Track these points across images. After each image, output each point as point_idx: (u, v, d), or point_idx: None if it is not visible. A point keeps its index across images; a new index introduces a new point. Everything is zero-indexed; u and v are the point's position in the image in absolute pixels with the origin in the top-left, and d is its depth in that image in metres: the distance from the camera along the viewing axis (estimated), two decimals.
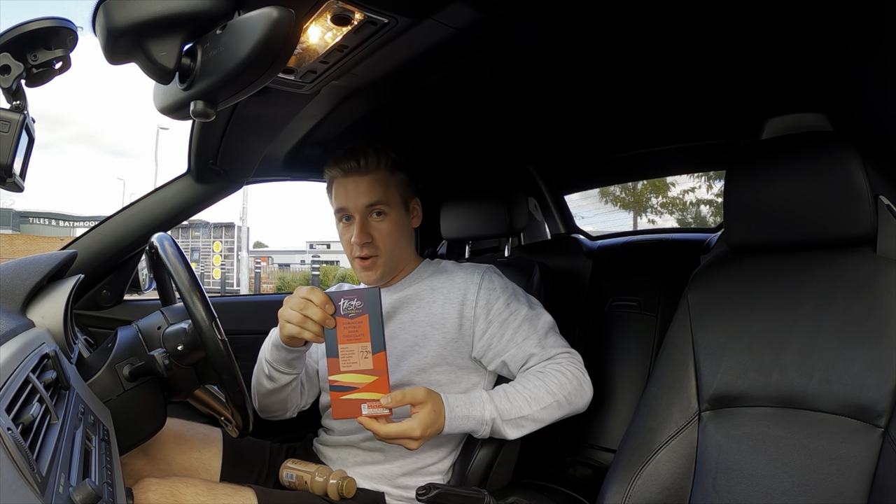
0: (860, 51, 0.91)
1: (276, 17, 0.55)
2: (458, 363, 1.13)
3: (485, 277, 1.15)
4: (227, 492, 0.97)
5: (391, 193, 1.15)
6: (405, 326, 1.15)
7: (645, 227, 12.73)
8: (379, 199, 1.13)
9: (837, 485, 0.80)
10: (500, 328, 1.11)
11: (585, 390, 1.09)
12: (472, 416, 1.00)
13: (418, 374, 1.11)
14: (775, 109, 1.07)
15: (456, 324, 1.12)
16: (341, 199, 1.15)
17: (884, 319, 0.83)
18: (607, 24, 0.94)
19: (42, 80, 0.67)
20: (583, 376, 1.09)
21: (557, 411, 1.06)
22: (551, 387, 1.05)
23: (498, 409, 1.01)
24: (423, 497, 0.84)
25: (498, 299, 1.13)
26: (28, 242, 24.29)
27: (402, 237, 1.18)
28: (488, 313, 1.12)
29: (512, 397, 1.04)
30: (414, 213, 1.22)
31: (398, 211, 1.16)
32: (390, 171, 1.16)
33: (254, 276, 16.97)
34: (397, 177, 1.17)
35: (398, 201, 1.17)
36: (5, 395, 0.52)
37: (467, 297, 1.13)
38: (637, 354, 1.68)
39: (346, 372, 0.94)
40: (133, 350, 0.94)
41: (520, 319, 1.12)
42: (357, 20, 0.79)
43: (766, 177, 0.93)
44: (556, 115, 1.47)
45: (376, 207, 1.14)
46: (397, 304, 1.17)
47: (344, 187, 1.15)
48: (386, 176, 1.15)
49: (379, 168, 1.14)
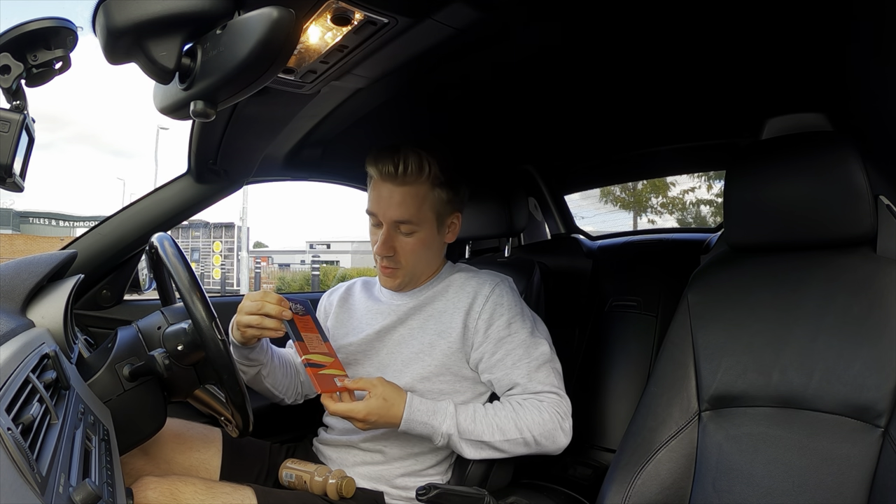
0: (860, 50, 0.91)
1: (276, 17, 0.55)
2: (463, 373, 1.13)
3: (495, 290, 1.12)
4: (227, 491, 0.97)
5: (425, 210, 1.08)
6: (414, 333, 1.14)
7: (645, 227, 12.74)
8: (410, 218, 1.07)
9: (837, 485, 0.80)
10: (494, 346, 1.09)
11: (560, 436, 1.06)
12: (430, 425, 1.01)
13: (421, 382, 1.11)
14: (775, 109, 1.07)
15: (460, 333, 1.11)
16: (373, 203, 1.10)
17: (884, 319, 0.83)
18: (607, 24, 0.94)
19: (42, 80, 0.67)
20: (562, 422, 1.06)
21: (522, 447, 1.04)
22: (522, 422, 1.03)
23: (458, 427, 1.02)
24: (423, 497, 0.84)
25: (501, 316, 1.09)
26: (28, 242, 24.28)
27: (428, 253, 1.14)
28: (488, 328, 1.09)
29: (479, 420, 1.03)
30: (450, 230, 1.16)
31: (429, 229, 1.11)
32: (430, 186, 1.08)
33: (254, 276, 16.97)
34: (436, 193, 1.09)
35: (431, 218, 1.10)
36: (5, 395, 0.52)
37: (473, 306, 1.11)
38: (637, 354, 1.68)
39: (313, 353, 1.03)
40: (133, 350, 0.94)
41: (516, 343, 1.09)
42: (357, 20, 0.79)
43: (766, 177, 0.93)
44: (556, 115, 1.47)
45: (405, 224, 1.08)
46: (411, 311, 1.16)
47: (378, 192, 1.09)
48: (424, 191, 1.07)
49: (418, 181, 1.06)
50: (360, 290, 1.29)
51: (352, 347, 1.19)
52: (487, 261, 1.64)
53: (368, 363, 1.17)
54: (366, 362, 1.17)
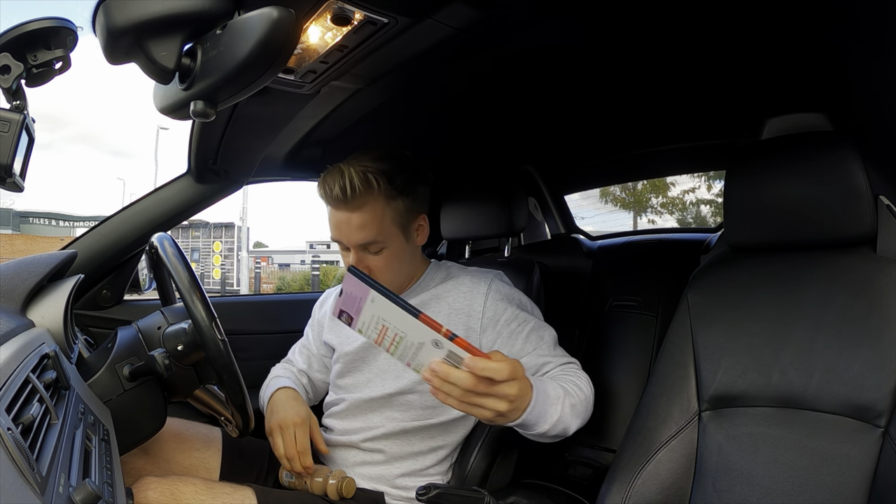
0: (861, 50, 0.91)
1: (276, 17, 0.55)
2: None
3: (491, 287, 1.12)
4: (227, 491, 0.97)
5: (387, 226, 1.04)
6: None
7: (645, 227, 12.74)
8: (374, 238, 1.03)
9: (837, 485, 0.80)
10: (509, 338, 1.07)
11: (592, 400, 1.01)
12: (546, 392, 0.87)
13: (421, 384, 1.09)
14: (775, 109, 1.07)
15: (462, 330, 1.09)
16: (334, 231, 1.07)
17: (884, 319, 0.83)
18: (607, 24, 0.94)
19: (42, 80, 0.67)
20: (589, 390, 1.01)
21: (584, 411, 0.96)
22: (580, 384, 0.99)
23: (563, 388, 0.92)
24: (423, 497, 0.84)
25: (506, 310, 1.09)
26: (28, 242, 24.29)
27: (403, 263, 1.12)
28: (496, 324, 1.08)
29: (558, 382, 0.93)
30: (419, 232, 1.13)
31: (397, 241, 1.07)
32: (385, 201, 1.03)
33: (254, 276, 16.96)
34: (392, 206, 1.04)
35: (396, 231, 1.06)
36: (5, 395, 0.52)
37: (473, 307, 1.10)
38: (637, 354, 1.68)
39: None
40: (133, 350, 0.94)
41: (528, 329, 1.08)
42: (357, 20, 0.79)
43: (766, 177, 0.93)
44: (556, 115, 1.47)
45: (372, 245, 1.05)
46: None
47: (335, 219, 1.05)
48: (380, 208, 1.03)
49: (370, 200, 1.02)
50: None
51: (349, 357, 1.19)
52: (487, 261, 1.64)
53: (367, 369, 1.17)
54: (364, 368, 1.17)
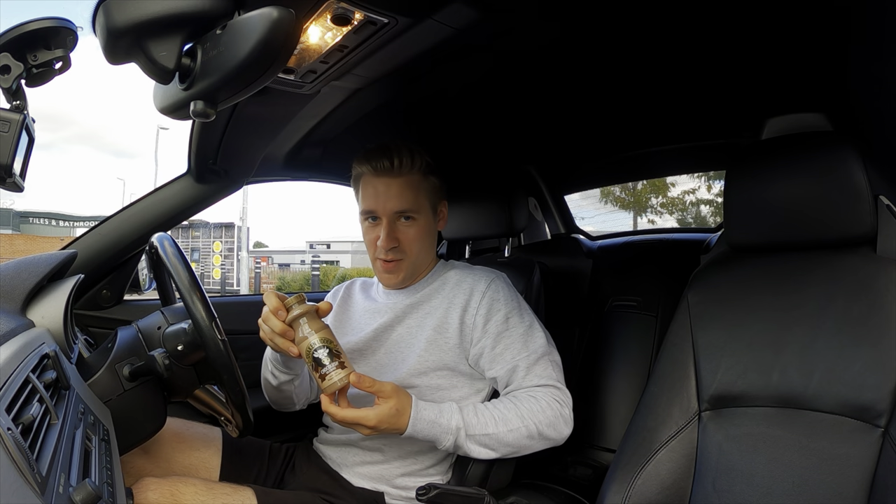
0: (861, 50, 0.91)
1: (276, 17, 0.55)
2: (460, 368, 1.12)
3: (491, 286, 1.12)
4: (227, 491, 0.97)
5: (422, 199, 1.12)
6: (412, 331, 1.15)
7: (645, 227, 12.73)
8: (409, 206, 1.11)
9: (837, 485, 0.80)
10: (493, 341, 1.08)
11: (562, 425, 1.03)
12: (438, 423, 0.98)
13: (418, 377, 1.11)
14: (775, 109, 1.07)
15: (457, 329, 1.11)
16: (370, 201, 1.12)
17: (884, 320, 0.83)
18: (607, 24, 0.94)
19: (42, 80, 0.67)
20: (561, 410, 1.04)
21: (527, 440, 1.01)
22: (522, 412, 1.01)
23: (464, 421, 1.00)
24: (423, 497, 0.84)
25: (499, 311, 1.10)
26: (28, 242, 24.28)
27: (428, 241, 1.17)
28: (486, 323, 1.09)
29: (480, 413, 1.01)
30: (441, 217, 1.21)
31: (427, 216, 1.14)
32: (423, 175, 1.13)
33: (254, 276, 16.97)
34: (429, 181, 1.14)
35: (427, 206, 1.14)
36: (5, 395, 0.52)
37: (470, 302, 1.11)
38: (637, 354, 1.68)
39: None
40: (133, 350, 0.94)
41: (514, 337, 1.08)
42: (357, 20, 0.79)
43: (766, 177, 0.93)
44: (556, 115, 1.47)
45: (406, 213, 1.11)
46: (408, 309, 1.16)
47: (374, 188, 1.11)
48: (418, 180, 1.12)
49: (413, 171, 1.11)
50: (358, 291, 1.29)
51: (349, 347, 1.19)
52: (487, 261, 1.63)
53: (365, 362, 1.17)
54: (363, 361, 1.18)
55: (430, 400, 1.07)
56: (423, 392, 1.10)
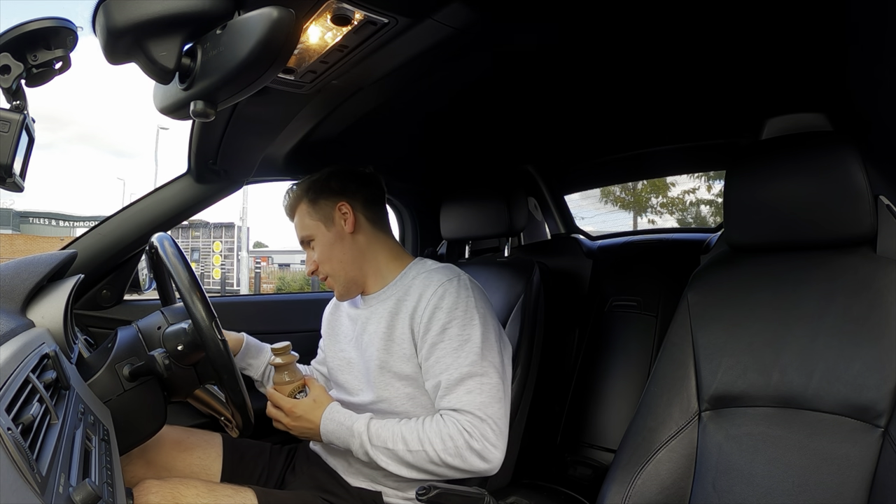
0: (861, 51, 0.91)
1: (276, 17, 0.55)
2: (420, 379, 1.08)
3: (437, 292, 1.06)
4: (228, 493, 0.97)
5: (311, 222, 1.19)
6: (371, 337, 1.13)
7: (645, 227, 12.73)
8: (305, 236, 1.20)
9: (837, 485, 0.80)
10: (427, 351, 1.05)
11: (470, 457, 0.98)
12: (345, 425, 1.03)
13: (385, 387, 1.09)
14: (775, 109, 1.07)
15: (409, 337, 1.08)
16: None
17: (884, 319, 0.83)
18: (607, 24, 0.94)
19: (42, 80, 0.67)
20: (469, 441, 0.98)
21: (429, 463, 0.99)
22: (425, 435, 1.00)
23: (368, 430, 1.02)
24: (423, 497, 0.84)
25: (439, 320, 1.04)
26: (28, 242, 24.29)
27: (339, 252, 1.17)
28: (426, 332, 1.05)
29: (388, 427, 1.02)
30: (345, 220, 1.17)
31: (321, 232, 1.18)
32: (308, 203, 1.19)
33: (254, 276, 16.96)
34: (314, 203, 1.19)
35: (319, 223, 1.18)
36: (5, 395, 0.52)
37: (417, 309, 1.07)
38: (637, 354, 1.68)
39: None
40: (133, 350, 0.94)
41: (445, 350, 1.03)
42: (357, 20, 0.79)
43: (766, 177, 0.93)
44: (556, 114, 1.47)
45: (306, 240, 1.20)
46: (374, 315, 1.15)
47: None
48: (305, 208, 1.20)
49: (298, 204, 1.20)
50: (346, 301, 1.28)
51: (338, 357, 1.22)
52: (487, 261, 1.64)
53: (349, 372, 1.19)
54: (347, 371, 1.19)
55: (403, 411, 1.07)
56: (394, 402, 1.09)
